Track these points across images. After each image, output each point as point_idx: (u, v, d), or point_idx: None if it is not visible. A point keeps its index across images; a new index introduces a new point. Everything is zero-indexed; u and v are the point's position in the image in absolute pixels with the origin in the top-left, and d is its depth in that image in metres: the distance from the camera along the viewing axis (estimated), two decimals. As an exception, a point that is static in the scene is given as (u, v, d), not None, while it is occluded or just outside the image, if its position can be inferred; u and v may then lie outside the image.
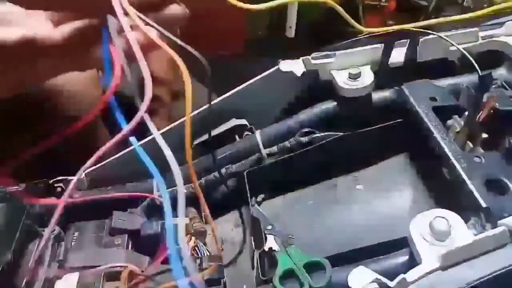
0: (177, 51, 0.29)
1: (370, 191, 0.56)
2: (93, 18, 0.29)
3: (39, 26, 0.28)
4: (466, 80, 0.57)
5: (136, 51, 0.27)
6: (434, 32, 0.57)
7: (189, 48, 0.30)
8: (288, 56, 0.59)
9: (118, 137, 0.30)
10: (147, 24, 0.29)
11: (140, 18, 0.28)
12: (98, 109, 0.29)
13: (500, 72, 0.58)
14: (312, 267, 0.43)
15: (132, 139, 0.31)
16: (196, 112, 0.53)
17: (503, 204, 0.40)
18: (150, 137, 0.53)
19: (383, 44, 0.58)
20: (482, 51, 0.58)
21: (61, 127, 0.34)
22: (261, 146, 0.57)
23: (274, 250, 0.47)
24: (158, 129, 0.51)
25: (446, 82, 0.57)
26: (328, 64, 0.58)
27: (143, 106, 0.29)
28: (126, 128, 0.29)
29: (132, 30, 0.27)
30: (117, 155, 0.55)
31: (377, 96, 0.58)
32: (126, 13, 0.27)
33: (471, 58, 0.51)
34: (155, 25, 0.29)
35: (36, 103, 0.64)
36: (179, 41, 0.30)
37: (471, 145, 0.48)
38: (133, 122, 0.29)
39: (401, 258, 0.42)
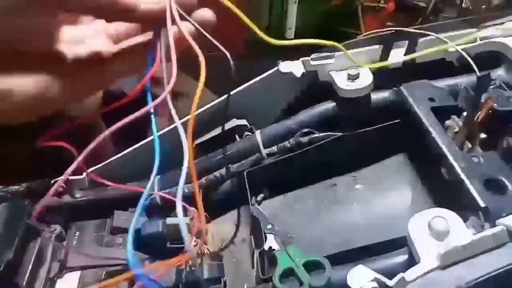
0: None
1: (369, 191, 0.56)
2: (145, 30, 0.37)
3: (103, 43, 0.36)
4: (465, 80, 0.57)
5: (172, 47, 0.32)
6: (432, 33, 0.57)
7: (221, 47, 0.34)
8: (287, 57, 0.59)
9: (139, 113, 0.33)
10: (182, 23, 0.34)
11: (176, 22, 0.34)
12: (136, 91, 0.34)
13: (498, 73, 0.58)
14: (312, 266, 0.43)
15: (153, 121, 0.34)
16: (197, 112, 0.54)
17: (502, 203, 0.40)
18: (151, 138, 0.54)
19: (382, 45, 0.58)
20: (480, 52, 0.58)
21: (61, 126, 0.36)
22: (261, 146, 0.57)
23: (274, 249, 0.47)
24: (160, 129, 0.52)
25: (444, 82, 0.58)
26: (327, 65, 0.58)
27: (167, 90, 0.32)
28: (151, 104, 0.33)
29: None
30: (117, 155, 0.56)
31: (376, 96, 0.58)
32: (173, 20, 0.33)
33: (469, 59, 0.52)
34: (198, 26, 0.35)
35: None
36: (214, 41, 0.35)
37: (469, 145, 0.49)
38: (158, 101, 0.33)
39: (400, 257, 0.43)
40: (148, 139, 0.54)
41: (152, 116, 0.34)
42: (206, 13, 0.36)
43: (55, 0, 0.30)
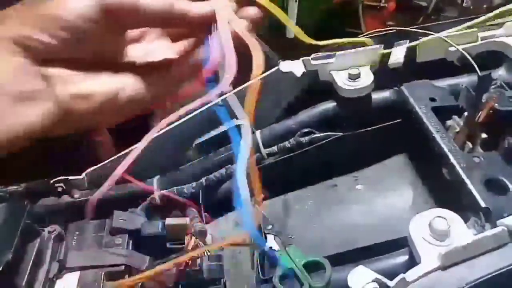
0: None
1: (370, 191, 0.56)
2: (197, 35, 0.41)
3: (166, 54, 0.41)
4: (466, 80, 0.57)
5: (227, 39, 0.36)
6: (433, 33, 0.57)
7: (262, 43, 0.37)
8: (288, 56, 0.59)
9: (202, 99, 0.37)
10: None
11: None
12: (194, 87, 0.40)
13: (499, 73, 0.58)
14: (312, 267, 0.43)
15: (214, 98, 0.36)
16: (197, 112, 0.54)
17: (503, 204, 0.40)
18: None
19: (382, 45, 0.58)
20: (482, 51, 0.58)
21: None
22: (261, 146, 0.57)
23: (274, 250, 0.47)
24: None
25: (445, 82, 0.58)
26: (328, 65, 0.58)
27: (227, 80, 0.35)
28: (214, 90, 0.36)
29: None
30: (116, 155, 0.55)
31: (376, 96, 0.58)
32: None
33: (470, 59, 0.52)
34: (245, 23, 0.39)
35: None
36: (255, 37, 0.38)
37: (470, 145, 0.49)
38: (219, 90, 0.37)
39: (401, 258, 0.43)
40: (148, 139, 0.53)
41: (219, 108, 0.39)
42: (254, 11, 0.40)
43: (124, 18, 0.35)
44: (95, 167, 0.53)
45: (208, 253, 0.49)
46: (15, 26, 0.32)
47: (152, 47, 0.42)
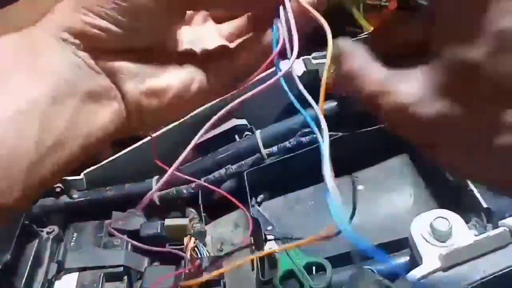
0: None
1: (371, 192, 0.55)
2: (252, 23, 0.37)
3: (219, 41, 0.37)
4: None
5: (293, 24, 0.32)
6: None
7: (323, 19, 0.33)
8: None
9: (268, 83, 0.33)
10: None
11: None
12: (261, 70, 0.34)
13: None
14: (313, 268, 0.43)
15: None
16: (196, 111, 0.53)
17: (504, 204, 0.40)
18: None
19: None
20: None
21: None
22: (261, 146, 0.57)
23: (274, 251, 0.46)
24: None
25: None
26: (329, 64, 0.57)
27: (291, 63, 0.32)
28: (279, 73, 0.33)
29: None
30: (115, 156, 0.55)
31: (377, 96, 0.58)
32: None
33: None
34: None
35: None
36: (319, 16, 0.33)
37: (472, 145, 0.48)
38: (282, 73, 0.33)
39: (402, 258, 0.42)
40: (145, 140, 0.53)
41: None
42: None
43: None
44: (93, 167, 0.53)
45: (208, 254, 0.49)
46: (66, 15, 0.29)
47: (201, 31, 0.38)
